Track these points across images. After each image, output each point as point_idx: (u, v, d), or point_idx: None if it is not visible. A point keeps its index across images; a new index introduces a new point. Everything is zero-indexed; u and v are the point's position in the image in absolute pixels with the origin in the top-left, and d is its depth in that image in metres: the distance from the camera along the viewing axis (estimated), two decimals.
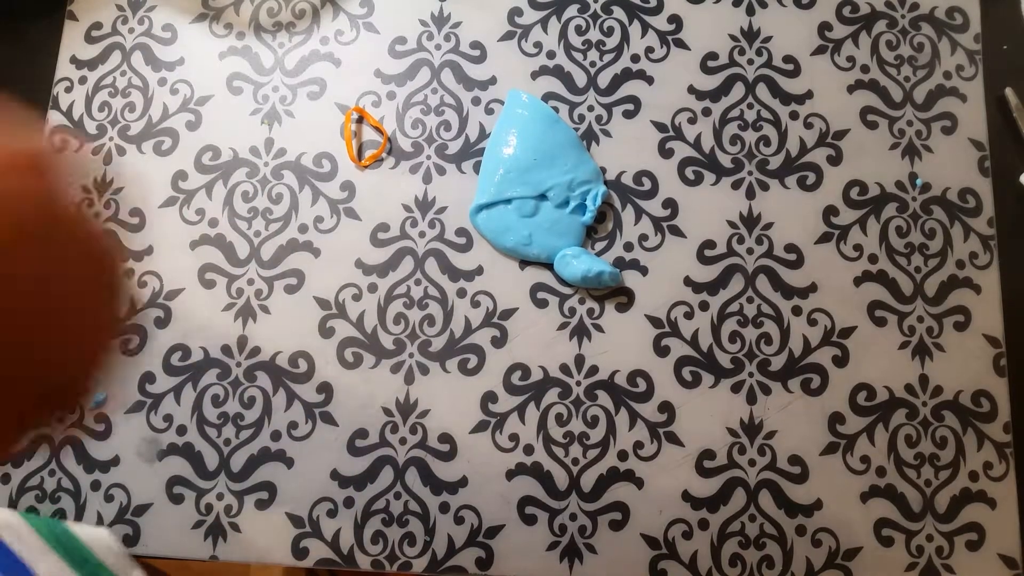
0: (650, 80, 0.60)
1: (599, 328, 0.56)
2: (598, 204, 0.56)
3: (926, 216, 0.57)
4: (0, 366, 0.21)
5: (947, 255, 0.57)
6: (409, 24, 0.62)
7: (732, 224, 0.57)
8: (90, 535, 0.49)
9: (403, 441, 0.54)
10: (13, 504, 0.54)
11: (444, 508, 0.53)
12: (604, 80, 0.60)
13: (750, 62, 0.60)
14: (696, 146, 0.59)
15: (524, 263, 0.57)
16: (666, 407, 0.55)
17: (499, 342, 0.56)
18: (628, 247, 0.57)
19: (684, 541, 0.53)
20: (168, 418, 0.55)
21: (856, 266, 0.57)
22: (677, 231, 0.57)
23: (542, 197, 0.57)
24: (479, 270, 0.57)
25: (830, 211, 0.57)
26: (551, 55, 0.61)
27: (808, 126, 0.59)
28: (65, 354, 0.23)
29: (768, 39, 0.61)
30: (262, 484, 0.54)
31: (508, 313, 0.56)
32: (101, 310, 0.24)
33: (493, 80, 0.60)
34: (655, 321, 0.56)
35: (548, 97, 0.60)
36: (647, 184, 0.58)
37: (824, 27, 0.61)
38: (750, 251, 0.57)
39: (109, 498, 0.54)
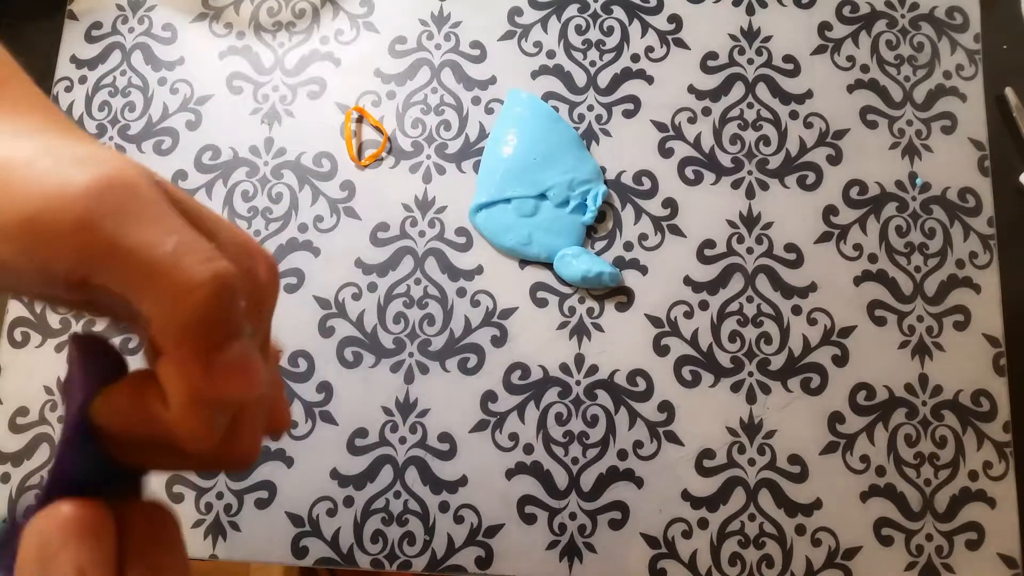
0: (650, 80, 0.60)
1: (599, 327, 0.56)
2: (598, 204, 0.56)
3: (926, 216, 0.57)
4: None
5: (947, 255, 0.57)
6: (409, 24, 0.62)
7: (732, 223, 0.57)
8: None
9: (403, 440, 0.54)
10: (13, 504, 0.54)
11: (444, 507, 0.53)
12: (604, 79, 0.60)
13: (750, 62, 0.60)
14: (696, 146, 0.59)
15: (524, 263, 0.57)
16: (666, 406, 0.55)
17: (499, 341, 0.56)
18: (628, 247, 0.57)
19: (684, 540, 0.53)
20: None
21: (856, 266, 0.57)
22: (677, 230, 0.57)
23: (542, 196, 0.57)
24: (479, 269, 0.57)
25: (830, 211, 0.57)
26: (551, 55, 0.61)
27: (808, 126, 0.59)
28: None
29: (768, 39, 0.61)
30: (262, 483, 0.54)
31: (508, 312, 0.56)
32: None
33: (493, 80, 0.60)
34: (655, 320, 0.56)
35: (548, 96, 0.60)
36: (647, 183, 0.58)
37: (824, 27, 0.61)
38: (750, 251, 0.57)
39: None
